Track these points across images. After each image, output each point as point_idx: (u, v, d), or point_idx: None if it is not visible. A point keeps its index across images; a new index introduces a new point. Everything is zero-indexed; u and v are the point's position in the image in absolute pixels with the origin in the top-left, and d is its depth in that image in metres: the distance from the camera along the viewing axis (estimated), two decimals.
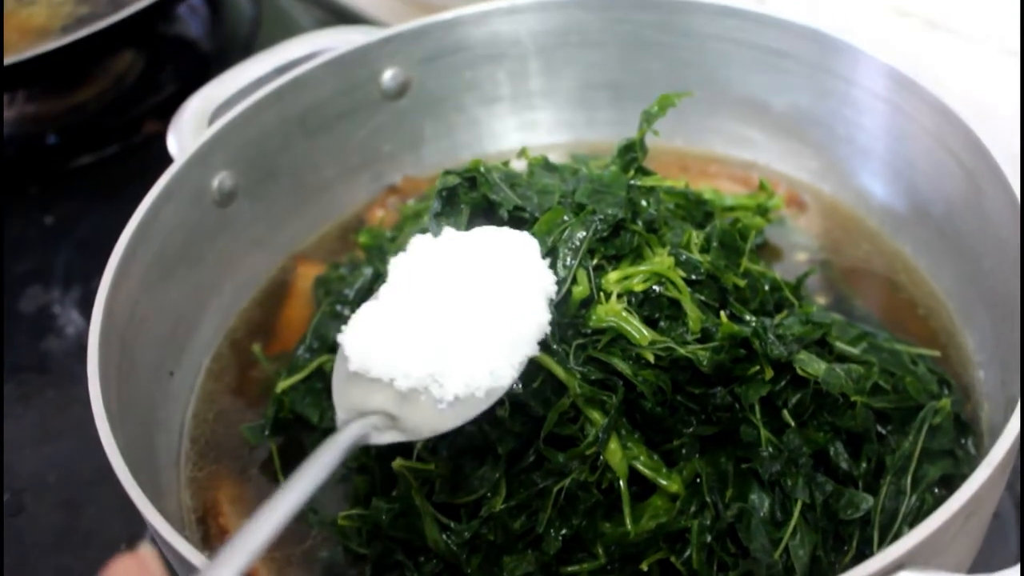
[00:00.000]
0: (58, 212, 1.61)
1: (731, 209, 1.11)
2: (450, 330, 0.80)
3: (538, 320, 0.83)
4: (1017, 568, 0.68)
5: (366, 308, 0.84)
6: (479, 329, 0.80)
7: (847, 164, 1.17)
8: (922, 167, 1.06)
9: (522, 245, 0.87)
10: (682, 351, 0.85)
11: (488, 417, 0.84)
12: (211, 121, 1.12)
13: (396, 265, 0.87)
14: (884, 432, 0.93)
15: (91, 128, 1.72)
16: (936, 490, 0.91)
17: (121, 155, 1.67)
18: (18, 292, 1.50)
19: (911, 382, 0.92)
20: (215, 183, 1.10)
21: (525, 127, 1.29)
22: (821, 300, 1.09)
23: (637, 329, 0.86)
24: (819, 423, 0.90)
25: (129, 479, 0.80)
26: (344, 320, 1.03)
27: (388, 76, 1.21)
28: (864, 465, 0.90)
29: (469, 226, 0.92)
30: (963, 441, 0.95)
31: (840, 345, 0.94)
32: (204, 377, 1.10)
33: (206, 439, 1.05)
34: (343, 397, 0.80)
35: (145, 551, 0.58)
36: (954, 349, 1.04)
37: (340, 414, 0.79)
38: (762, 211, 1.09)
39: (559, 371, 0.86)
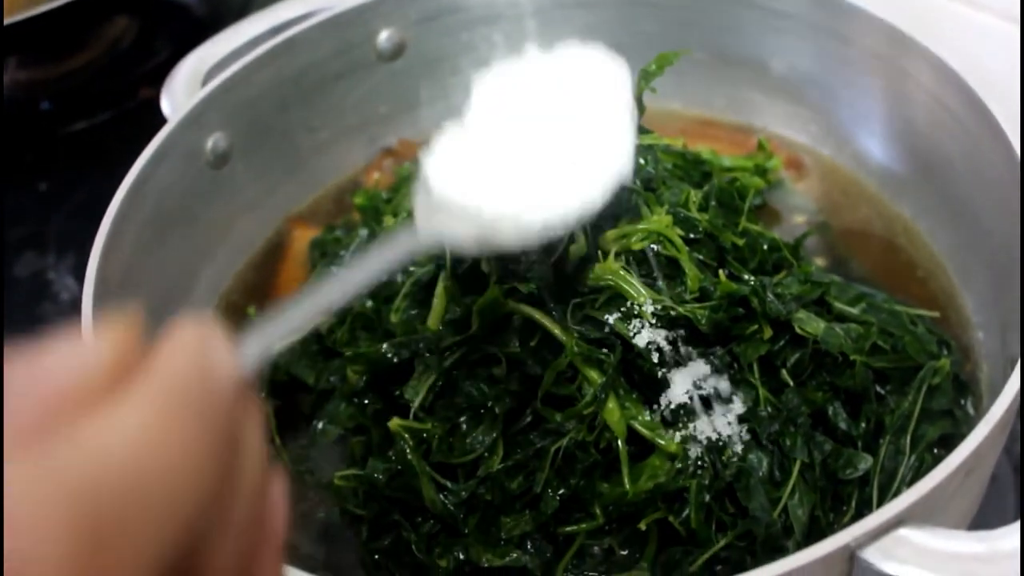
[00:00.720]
0: (52, 179, 1.61)
1: (729, 170, 1.10)
2: (537, 153, 0.75)
3: (625, 143, 0.77)
4: (1017, 525, 0.67)
5: (449, 133, 0.79)
6: (567, 151, 0.75)
7: (847, 126, 1.16)
8: (922, 128, 1.06)
9: (610, 67, 0.81)
10: (680, 310, 0.84)
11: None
12: (205, 82, 1.11)
13: (479, 88, 0.82)
14: (883, 392, 0.92)
15: (85, 94, 1.71)
16: (935, 450, 0.91)
17: (115, 121, 1.66)
18: (12, 259, 1.49)
19: (910, 342, 0.92)
20: (209, 144, 1.09)
21: None
22: (820, 262, 1.08)
23: (635, 288, 0.85)
24: (818, 383, 0.89)
25: None
26: None
27: (384, 37, 1.20)
28: (863, 425, 0.89)
29: None
30: (962, 402, 0.95)
31: (839, 305, 0.93)
32: None
33: None
34: (425, 222, 0.75)
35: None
36: (953, 311, 1.03)
37: (420, 217, 0.74)
38: (761, 172, 1.09)
39: (556, 329, 0.85)
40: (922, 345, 0.93)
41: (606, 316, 0.85)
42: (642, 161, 0.94)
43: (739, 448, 0.85)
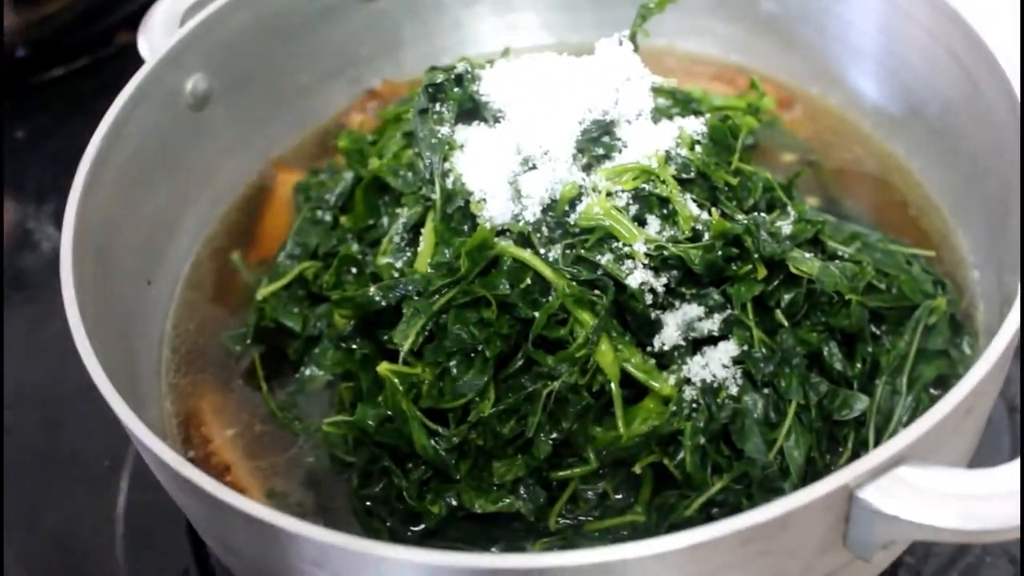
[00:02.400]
0: (29, 126, 1.58)
1: (720, 109, 1.08)
2: None
3: None
4: (1016, 462, 0.66)
5: None
6: None
7: (838, 64, 1.14)
8: (917, 66, 1.04)
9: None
10: (673, 249, 0.83)
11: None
12: (183, 22, 1.08)
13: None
14: (878, 332, 0.91)
15: (61, 40, 1.67)
16: (931, 390, 0.90)
17: (93, 67, 1.62)
18: None
19: (906, 281, 0.91)
20: (188, 86, 1.07)
21: (507, 29, 1.25)
22: (812, 201, 1.07)
23: (627, 227, 0.84)
24: (812, 323, 0.88)
25: (108, 387, 0.78)
26: (325, 226, 1.01)
27: None
28: (858, 366, 0.88)
29: (454, 122, 0.89)
30: (958, 341, 0.94)
31: (833, 244, 0.92)
32: (183, 286, 1.07)
33: (187, 348, 1.03)
34: None
35: None
36: (947, 250, 1.02)
37: None
38: (753, 111, 1.06)
39: (546, 270, 0.84)
40: (918, 284, 0.92)
41: (598, 257, 0.83)
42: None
43: (734, 390, 0.84)
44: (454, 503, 0.84)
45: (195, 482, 0.72)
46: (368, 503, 0.88)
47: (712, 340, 0.86)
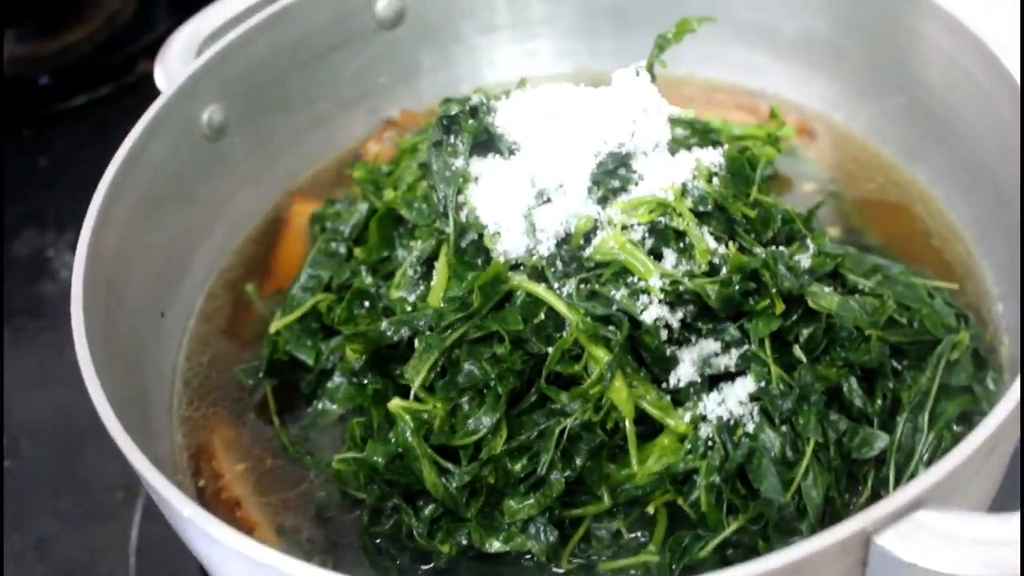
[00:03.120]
0: (52, 154, 1.58)
1: (740, 138, 1.07)
2: None
3: None
4: None
5: None
6: None
7: (860, 91, 1.12)
8: (938, 91, 1.02)
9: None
10: (689, 284, 0.81)
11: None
12: (199, 53, 1.08)
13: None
14: (900, 368, 0.89)
15: (84, 68, 1.68)
16: (955, 427, 0.88)
17: (115, 95, 1.63)
18: (13, 235, 1.47)
19: (928, 315, 0.89)
20: (205, 117, 1.06)
21: (526, 57, 1.24)
22: (833, 232, 1.05)
23: (642, 262, 0.82)
24: (832, 358, 0.86)
25: (114, 422, 0.77)
26: (339, 258, 1.01)
27: (383, 4, 1.16)
28: (879, 402, 0.87)
29: (468, 154, 0.88)
30: (982, 377, 0.92)
31: (853, 277, 0.90)
32: (197, 318, 1.07)
33: (199, 381, 1.02)
34: None
35: None
36: (972, 282, 1.00)
37: None
38: (772, 140, 1.05)
39: (560, 305, 0.82)
40: (940, 318, 0.90)
41: (613, 292, 0.82)
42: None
43: (751, 427, 0.82)
44: (465, 542, 0.83)
45: (195, 521, 0.71)
46: (378, 540, 0.86)
47: (729, 376, 0.84)
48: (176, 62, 1.09)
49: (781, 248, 0.87)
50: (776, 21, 1.14)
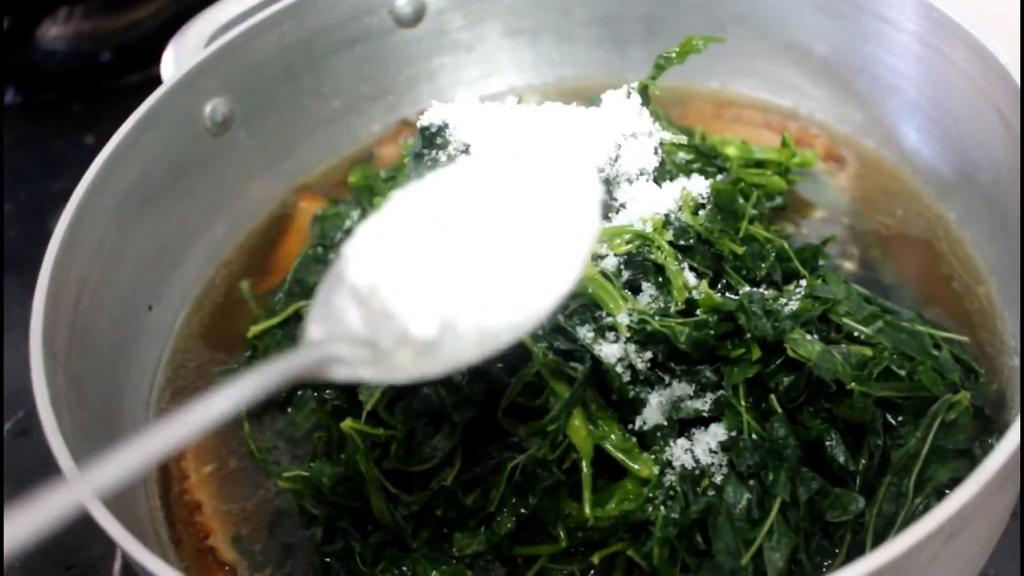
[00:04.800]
0: (99, 131, 1.58)
1: (759, 164, 1.01)
2: (482, 256, 0.66)
3: (576, 262, 0.66)
4: None
5: (383, 216, 0.68)
6: (510, 265, 0.66)
7: (891, 117, 1.05)
8: (968, 125, 0.95)
9: (578, 176, 0.70)
10: (656, 325, 0.76)
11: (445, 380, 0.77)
12: (208, 44, 1.06)
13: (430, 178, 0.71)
14: (895, 423, 0.83)
15: (144, 47, 1.67)
16: (947, 493, 0.81)
17: None
18: (53, 210, 1.47)
19: (925, 371, 0.82)
20: (208, 109, 1.04)
21: (550, 62, 1.20)
22: (848, 266, 0.99)
23: (612, 296, 0.78)
24: (814, 410, 0.81)
25: (53, 426, 0.76)
26: (328, 264, 0.98)
27: (403, 1, 1.13)
28: (864, 461, 0.81)
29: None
30: (986, 438, 0.85)
31: (849, 323, 0.84)
32: (187, 313, 1.05)
33: (181, 377, 1.01)
34: (323, 313, 0.65)
35: None
36: (988, 332, 0.93)
37: (313, 331, 0.64)
38: (783, 172, 0.99)
39: (524, 337, 0.78)
40: (941, 374, 0.83)
41: (577, 326, 0.78)
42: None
43: (717, 479, 0.78)
44: (408, 573, 0.79)
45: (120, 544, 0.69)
46: (327, 559, 0.84)
47: (701, 422, 0.80)
48: (188, 52, 1.07)
49: (763, 289, 0.81)
50: (809, 40, 1.08)
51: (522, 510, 0.79)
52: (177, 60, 1.08)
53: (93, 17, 1.71)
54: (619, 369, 0.77)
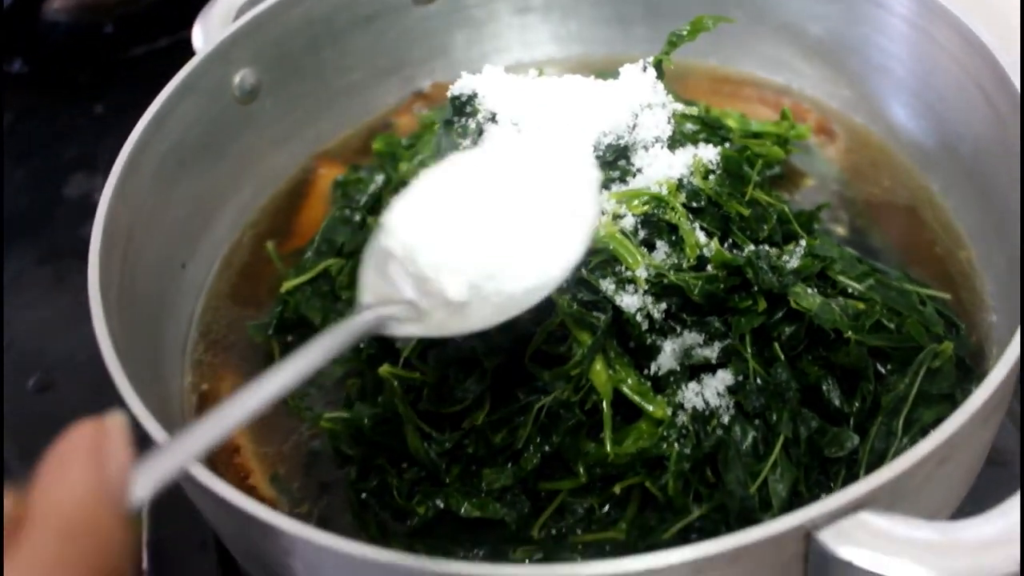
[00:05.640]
0: (107, 101, 1.63)
1: (756, 135, 1.08)
2: (503, 229, 0.78)
3: (587, 221, 0.79)
4: (979, 518, 0.66)
5: (415, 192, 0.81)
6: (532, 230, 0.79)
7: (880, 94, 1.13)
8: (952, 102, 1.03)
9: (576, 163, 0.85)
10: (672, 278, 0.84)
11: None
12: (237, 17, 1.12)
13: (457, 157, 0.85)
14: (884, 371, 0.91)
15: (147, 19, 1.72)
16: (931, 432, 0.89)
17: (173, 48, 1.67)
18: (64, 177, 1.53)
19: (913, 323, 0.90)
20: (237, 79, 1.10)
21: (557, 39, 1.27)
22: (839, 231, 1.07)
23: (631, 252, 0.85)
24: (813, 357, 0.88)
25: (114, 361, 0.82)
26: (354, 225, 1.04)
27: None
28: (857, 404, 0.88)
29: (475, 135, 0.92)
30: (966, 385, 0.93)
31: (844, 280, 0.91)
32: (217, 271, 1.11)
33: (213, 332, 1.07)
34: (373, 279, 0.76)
35: (112, 419, 0.55)
36: (969, 291, 1.01)
37: (366, 296, 0.75)
38: (782, 142, 1.06)
39: (539, 300, 0.85)
40: (927, 326, 0.91)
41: (600, 279, 0.85)
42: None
43: (726, 419, 0.85)
44: (441, 506, 0.86)
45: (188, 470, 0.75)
46: (363, 495, 0.90)
47: (710, 368, 0.87)
48: (215, 25, 1.13)
49: (767, 247, 0.89)
50: (804, 22, 1.15)
51: (546, 448, 0.86)
52: (206, 32, 1.13)
53: None
54: (639, 318, 0.84)
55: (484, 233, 0.78)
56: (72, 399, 1.24)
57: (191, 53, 1.10)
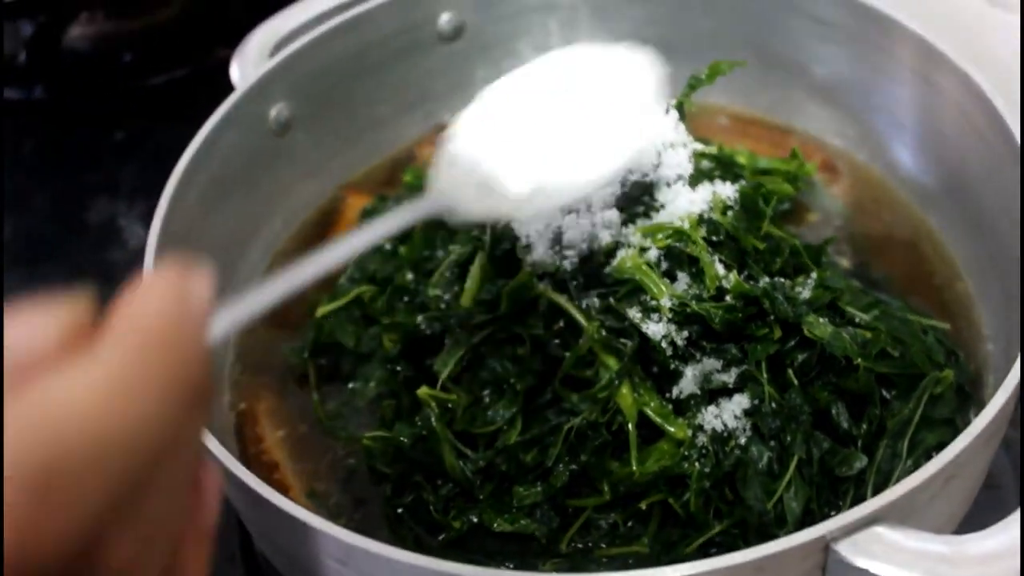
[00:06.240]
0: (127, 129, 1.68)
1: (765, 171, 1.15)
2: (564, 133, 0.87)
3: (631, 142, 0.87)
4: (981, 534, 0.72)
5: (478, 105, 0.91)
6: (592, 132, 0.87)
7: (881, 134, 1.20)
8: (951, 143, 1.09)
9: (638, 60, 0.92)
10: (695, 307, 0.90)
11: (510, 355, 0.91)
12: (272, 53, 1.18)
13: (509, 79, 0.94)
14: (888, 397, 0.97)
15: (165, 49, 1.77)
16: (933, 455, 0.95)
17: (191, 78, 1.71)
18: (86, 203, 1.57)
19: (917, 352, 0.96)
20: (273, 113, 1.16)
21: None
22: (844, 263, 1.13)
23: (655, 283, 0.91)
24: (824, 383, 0.94)
25: None
26: (385, 254, 1.10)
27: (445, 19, 1.25)
28: (864, 426, 0.94)
29: None
30: (964, 411, 0.99)
31: (851, 310, 0.98)
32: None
33: (249, 352, 1.12)
34: (442, 173, 0.84)
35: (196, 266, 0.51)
36: (965, 322, 1.07)
37: (437, 182, 0.83)
38: (791, 179, 1.13)
39: (579, 316, 0.91)
40: (929, 355, 0.97)
41: (627, 308, 0.91)
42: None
43: (742, 440, 0.91)
44: (475, 520, 0.92)
45: (240, 479, 0.80)
46: (399, 510, 0.96)
47: (727, 392, 0.93)
48: (251, 60, 1.18)
49: (782, 279, 0.95)
50: (808, 63, 1.22)
51: (573, 466, 0.91)
52: (242, 68, 1.19)
53: (115, 19, 1.81)
54: (663, 345, 0.90)
55: (545, 137, 0.86)
56: None
57: (209, 84, 1.15)
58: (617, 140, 0.86)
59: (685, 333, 0.91)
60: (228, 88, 1.14)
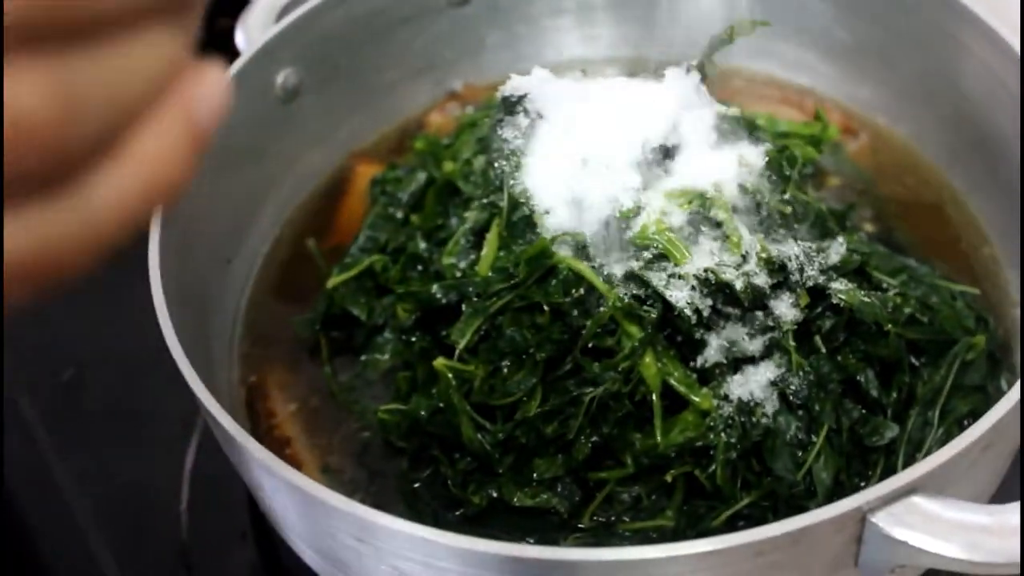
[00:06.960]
0: None
1: (784, 135, 1.12)
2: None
3: None
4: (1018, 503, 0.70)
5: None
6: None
7: (904, 96, 1.17)
8: (977, 102, 1.06)
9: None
10: (719, 274, 0.87)
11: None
12: (279, 18, 1.15)
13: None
14: (918, 364, 0.94)
15: None
16: (964, 423, 0.93)
17: (194, 48, 1.69)
18: None
19: (947, 317, 0.94)
20: (280, 79, 1.13)
21: (587, 40, 1.30)
22: (868, 227, 1.10)
23: (679, 249, 0.88)
24: (852, 350, 0.91)
25: (183, 358, 0.84)
26: (396, 222, 1.07)
27: None
28: (894, 395, 0.92)
29: (526, 134, 0.95)
30: (995, 378, 0.97)
31: (879, 275, 0.95)
32: (260, 267, 1.14)
33: (259, 325, 1.09)
34: None
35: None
36: (993, 286, 1.05)
37: None
38: (815, 142, 1.10)
39: (599, 283, 0.88)
40: (959, 320, 0.95)
41: (649, 275, 0.88)
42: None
43: (769, 410, 0.88)
44: (494, 495, 0.89)
45: (254, 455, 0.78)
46: (416, 485, 0.93)
47: (753, 360, 0.90)
48: (256, 26, 1.15)
49: (810, 244, 0.92)
50: (829, 24, 1.19)
51: (595, 438, 0.89)
52: (247, 32, 1.16)
53: None
54: (688, 312, 0.87)
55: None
56: (103, 397, 1.27)
57: (213, 52, 1.11)
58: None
59: (709, 300, 0.88)
60: (229, 59, 1.10)
